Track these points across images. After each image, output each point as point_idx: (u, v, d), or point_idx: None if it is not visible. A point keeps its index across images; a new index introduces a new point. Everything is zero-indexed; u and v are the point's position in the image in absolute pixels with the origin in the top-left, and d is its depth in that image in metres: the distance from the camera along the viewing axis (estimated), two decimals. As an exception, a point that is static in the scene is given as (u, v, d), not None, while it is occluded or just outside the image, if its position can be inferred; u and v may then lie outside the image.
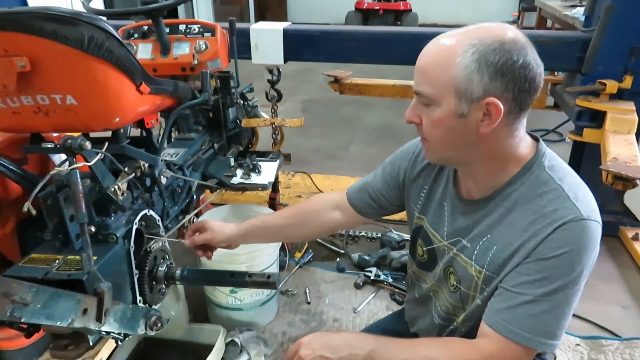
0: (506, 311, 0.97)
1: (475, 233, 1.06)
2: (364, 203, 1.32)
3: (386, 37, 2.57)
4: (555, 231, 0.93)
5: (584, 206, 0.94)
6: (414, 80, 0.98)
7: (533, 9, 6.81)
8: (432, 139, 1.01)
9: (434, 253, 1.18)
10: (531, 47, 0.92)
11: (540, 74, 0.93)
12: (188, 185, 1.79)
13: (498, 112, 0.91)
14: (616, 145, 2.08)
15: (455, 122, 0.94)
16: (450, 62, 0.90)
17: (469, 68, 0.89)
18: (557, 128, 4.05)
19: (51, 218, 1.15)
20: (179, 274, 1.45)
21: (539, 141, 1.05)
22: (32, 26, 1.07)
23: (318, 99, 5.52)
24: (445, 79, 0.91)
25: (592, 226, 0.94)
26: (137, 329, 1.21)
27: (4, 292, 0.84)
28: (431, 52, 0.95)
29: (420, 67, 0.96)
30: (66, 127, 1.28)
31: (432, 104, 0.95)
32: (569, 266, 0.93)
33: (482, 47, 0.89)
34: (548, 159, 1.02)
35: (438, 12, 10.21)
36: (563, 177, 0.99)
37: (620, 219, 2.73)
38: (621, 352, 1.94)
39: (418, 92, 0.98)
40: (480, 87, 0.90)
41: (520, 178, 1.00)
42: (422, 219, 1.21)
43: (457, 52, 0.90)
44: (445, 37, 0.94)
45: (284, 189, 3.27)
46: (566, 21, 3.80)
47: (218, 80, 2.06)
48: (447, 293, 1.17)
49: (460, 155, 1.02)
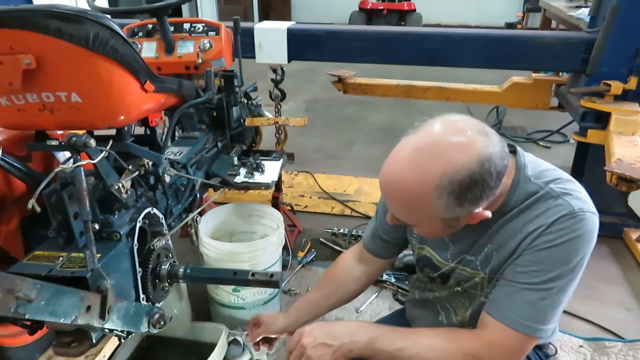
0: (504, 299, 0.99)
1: (477, 246, 1.08)
2: (381, 247, 1.33)
3: (390, 37, 2.57)
4: (551, 226, 0.95)
5: (575, 200, 0.96)
6: (389, 208, 0.99)
7: (537, 10, 6.78)
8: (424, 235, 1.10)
9: (444, 274, 1.19)
10: (492, 138, 0.89)
11: (505, 150, 0.92)
12: (191, 183, 1.79)
13: (487, 216, 0.95)
14: (621, 147, 2.07)
15: (447, 229, 0.99)
16: (427, 206, 0.89)
17: (449, 207, 0.89)
18: (561, 129, 4.04)
19: (55, 215, 1.15)
20: (182, 272, 1.45)
21: (516, 153, 1.04)
22: (37, 24, 1.07)
23: (321, 98, 5.52)
24: (427, 215, 0.92)
25: (587, 217, 0.95)
26: (140, 326, 1.22)
27: (8, 288, 0.84)
28: (400, 193, 0.92)
29: (393, 203, 0.96)
30: (71, 124, 1.28)
31: (417, 225, 1.01)
32: (565, 257, 0.95)
33: (454, 189, 0.86)
34: (530, 168, 1.02)
35: (442, 12, 10.19)
36: (550, 179, 1.00)
37: (625, 220, 2.72)
38: (624, 353, 1.93)
39: (400, 220, 1.00)
40: (465, 211, 0.92)
41: (512, 197, 1.00)
42: (424, 248, 1.22)
43: (431, 198, 0.87)
44: (408, 175, 0.88)
45: (287, 188, 3.27)
46: (571, 22, 3.79)
47: (222, 79, 2.06)
48: (456, 298, 1.19)
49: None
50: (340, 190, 3.28)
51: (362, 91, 3.01)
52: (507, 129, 4.37)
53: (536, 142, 4.16)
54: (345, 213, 3.02)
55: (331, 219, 2.95)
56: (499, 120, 4.35)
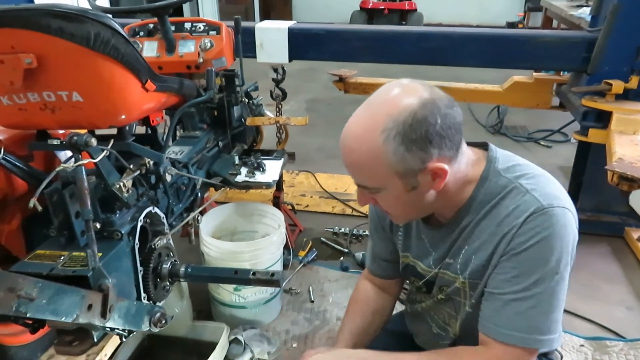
0: (494, 315, 0.98)
1: (454, 249, 1.07)
2: (385, 267, 1.30)
3: (391, 36, 2.57)
4: (522, 226, 0.93)
5: (543, 195, 0.94)
6: (351, 174, 0.98)
7: (539, 9, 6.78)
8: (394, 213, 1.04)
9: (429, 282, 1.18)
10: (436, 91, 0.92)
11: (455, 109, 0.93)
12: (193, 183, 1.80)
13: (444, 171, 0.92)
14: (622, 146, 2.07)
15: (409, 195, 0.96)
16: (378, 155, 0.90)
17: (399, 152, 0.89)
18: (562, 128, 4.04)
19: (57, 214, 1.15)
20: (183, 271, 1.46)
21: (488, 148, 1.05)
22: (38, 23, 1.07)
23: (322, 98, 5.51)
24: (382, 169, 0.92)
25: (556, 212, 0.92)
26: (141, 325, 1.22)
27: (9, 287, 0.85)
28: (353, 149, 0.93)
29: (351, 165, 0.96)
30: (72, 123, 1.29)
31: (379, 191, 0.97)
32: (542, 257, 0.92)
33: (399, 129, 0.88)
34: (501, 162, 1.01)
35: (443, 11, 10.18)
36: (520, 174, 0.99)
37: (626, 219, 2.71)
38: (625, 353, 1.93)
39: (361, 186, 0.99)
40: (417, 160, 0.90)
41: (481, 189, 1.00)
42: (407, 256, 1.21)
43: (378, 143, 0.89)
44: (358, 128, 0.92)
45: (288, 187, 3.27)
46: (572, 21, 3.79)
47: (223, 78, 2.07)
48: (442, 305, 1.18)
49: (425, 211, 1.06)
50: (342, 189, 3.28)
51: (364, 90, 3.01)
52: (508, 128, 4.37)
53: (537, 142, 4.16)
54: (346, 212, 3.02)
55: (332, 219, 2.95)
56: (500, 119, 4.35)
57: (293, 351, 1.96)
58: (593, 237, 2.67)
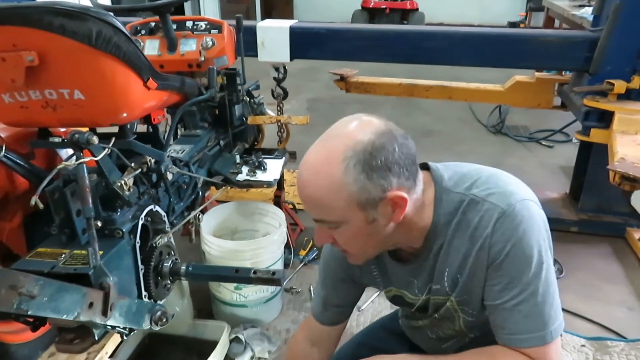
0: (505, 325, 0.98)
1: (437, 274, 1.06)
2: (337, 313, 1.29)
3: (392, 35, 2.56)
4: (492, 235, 0.94)
5: (499, 198, 0.95)
6: (309, 210, 0.96)
7: (540, 9, 6.77)
8: (354, 251, 1.01)
9: (421, 307, 1.18)
10: (391, 123, 0.93)
11: (410, 140, 0.93)
12: (194, 181, 1.80)
13: (404, 200, 0.92)
14: (624, 146, 2.06)
15: (369, 228, 0.94)
16: (339, 186, 0.88)
17: (359, 180, 0.88)
18: (564, 128, 4.03)
19: (58, 212, 1.15)
20: (184, 269, 1.45)
21: (430, 168, 1.04)
22: (40, 21, 1.08)
23: (324, 97, 5.51)
24: (343, 201, 0.90)
25: (516, 209, 0.93)
26: (142, 323, 1.22)
27: (11, 284, 0.85)
28: (313, 182, 0.91)
29: (310, 199, 0.93)
30: (73, 121, 1.29)
31: (339, 225, 0.94)
32: (524, 256, 0.93)
33: (359, 157, 0.87)
34: (447, 178, 1.01)
35: (445, 11, 10.18)
36: (470, 185, 0.99)
37: (627, 220, 2.71)
38: (627, 353, 1.93)
39: (320, 221, 0.96)
40: (378, 189, 0.89)
41: (439, 212, 0.99)
42: (391, 290, 1.20)
43: (339, 173, 0.88)
44: (316, 161, 0.91)
45: (289, 186, 3.27)
46: (574, 21, 3.78)
47: (224, 77, 2.06)
48: (437, 321, 1.18)
49: (385, 246, 1.04)
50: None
51: (365, 90, 3.01)
52: (510, 128, 4.36)
53: (539, 142, 4.16)
54: (347, 212, 3.01)
55: (333, 218, 2.94)
56: (501, 119, 4.35)
57: (294, 350, 1.96)
58: (594, 238, 2.67)
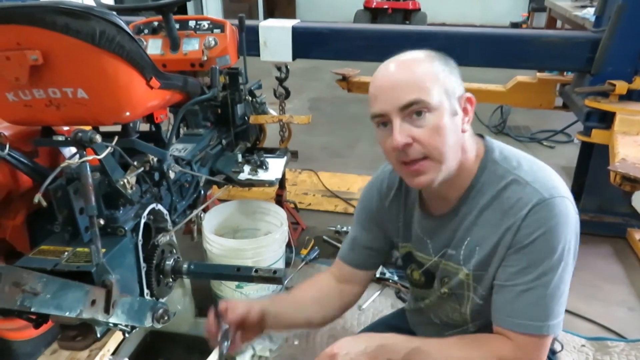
0: (507, 306, 0.99)
1: (456, 239, 1.08)
2: (364, 256, 1.27)
3: (395, 35, 2.57)
4: (526, 218, 0.96)
5: (544, 187, 0.97)
6: (400, 95, 0.94)
7: (543, 9, 6.75)
8: (437, 150, 0.96)
9: (429, 272, 1.19)
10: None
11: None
12: (196, 180, 1.80)
13: (473, 104, 1.01)
14: (625, 146, 2.07)
15: (451, 122, 0.97)
16: (431, 68, 0.96)
17: (445, 71, 0.97)
18: (565, 129, 4.03)
19: (61, 210, 1.16)
20: (186, 268, 1.46)
21: (484, 138, 1.09)
22: (44, 20, 1.08)
23: (325, 97, 5.52)
24: (437, 83, 0.95)
25: (557, 202, 0.95)
26: (144, 321, 1.22)
27: (14, 281, 0.85)
28: (409, 65, 0.98)
29: (407, 81, 0.96)
30: (77, 120, 1.29)
31: (426, 111, 0.94)
32: (548, 247, 0.95)
33: (439, 57, 0.99)
34: (498, 152, 1.05)
35: (447, 11, 10.16)
36: (517, 164, 1.02)
37: (628, 220, 2.71)
38: (627, 353, 1.93)
39: (413, 102, 0.94)
40: (457, 85, 0.99)
41: (480, 178, 1.03)
42: (406, 246, 1.22)
43: (428, 61, 0.98)
44: (404, 56, 1.01)
45: (291, 186, 3.28)
46: (576, 22, 3.77)
47: (227, 76, 2.07)
48: (443, 299, 1.18)
49: (455, 161, 1.00)
50: (344, 188, 3.29)
51: (366, 90, 2.98)
52: (511, 129, 4.36)
53: (540, 142, 4.15)
54: (348, 211, 3.02)
55: (334, 217, 2.95)
56: (503, 119, 4.35)
57: (294, 348, 1.97)
58: (595, 238, 2.67)
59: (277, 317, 1.20)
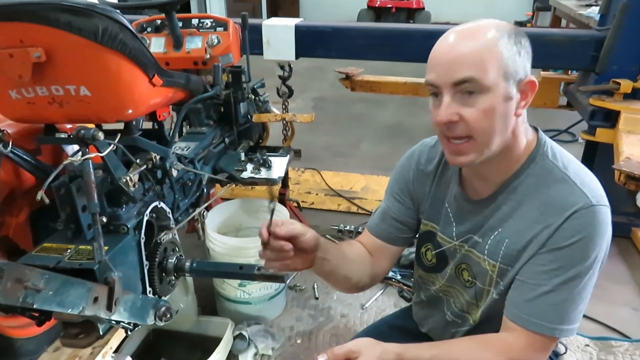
0: (527, 304, 0.97)
1: (486, 228, 1.05)
2: (393, 229, 1.23)
3: (398, 34, 2.56)
4: (567, 220, 0.93)
5: (592, 192, 0.94)
6: (454, 70, 0.90)
7: (547, 9, 6.74)
8: (482, 132, 0.92)
9: (443, 255, 1.17)
10: None
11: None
12: (198, 178, 1.80)
13: (534, 89, 0.94)
14: (630, 145, 2.06)
15: (503, 107, 0.92)
16: (495, 47, 0.89)
17: (512, 50, 0.90)
18: (570, 128, 4.02)
19: (64, 208, 1.16)
20: (189, 266, 1.46)
21: (538, 131, 1.06)
22: (47, 17, 1.08)
23: (329, 96, 5.52)
24: (496, 63, 0.89)
25: (602, 211, 0.93)
26: (146, 319, 1.23)
27: (17, 278, 0.85)
28: (468, 38, 0.91)
29: (464, 55, 0.90)
30: (79, 118, 1.29)
31: (478, 91, 0.90)
32: (583, 253, 0.93)
33: (510, 32, 0.91)
34: (550, 148, 1.02)
35: (451, 10, 10.14)
36: (567, 164, 0.99)
37: (633, 220, 2.70)
38: (631, 353, 1.92)
39: (466, 80, 0.89)
40: (521, 67, 0.92)
41: (526, 169, 1.00)
42: (428, 224, 1.20)
43: (495, 36, 0.90)
44: (470, 27, 0.93)
45: (294, 185, 3.28)
46: (581, 20, 3.76)
47: (230, 74, 2.07)
48: (460, 290, 1.16)
49: (501, 145, 0.96)
50: (347, 187, 3.28)
51: (370, 89, 3.01)
52: (515, 128, 4.34)
53: (544, 141, 4.13)
54: (351, 210, 3.02)
55: (337, 216, 2.95)
56: (507, 118, 4.33)
57: (297, 347, 1.97)
58: (599, 237, 2.65)
59: (325, 256, 1.14)
